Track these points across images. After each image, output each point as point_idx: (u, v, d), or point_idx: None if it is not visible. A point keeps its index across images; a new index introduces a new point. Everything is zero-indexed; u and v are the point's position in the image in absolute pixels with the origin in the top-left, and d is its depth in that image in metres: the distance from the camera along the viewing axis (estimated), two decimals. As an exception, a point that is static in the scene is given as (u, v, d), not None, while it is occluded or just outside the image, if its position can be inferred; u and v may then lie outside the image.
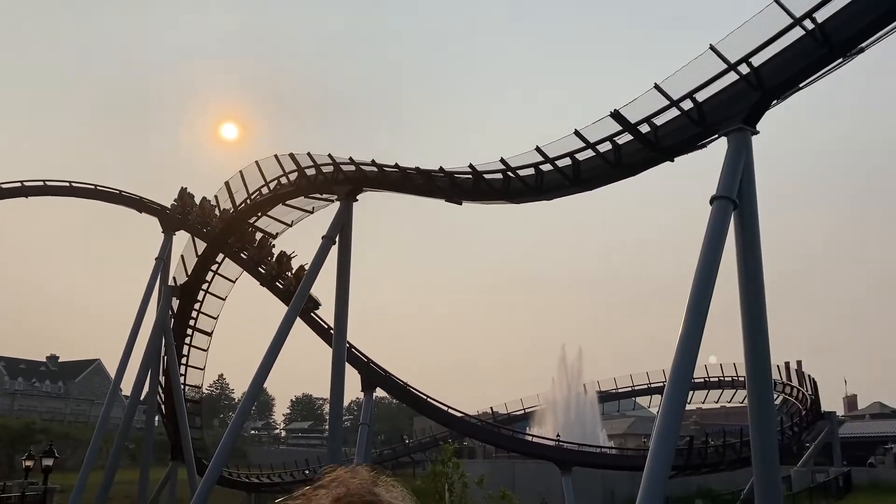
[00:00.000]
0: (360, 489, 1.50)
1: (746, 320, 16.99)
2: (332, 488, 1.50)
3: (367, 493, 1.49)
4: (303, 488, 1.54)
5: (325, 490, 1.50)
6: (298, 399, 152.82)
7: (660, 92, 19.17)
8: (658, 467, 13.63)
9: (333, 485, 1.52)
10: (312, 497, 1.50)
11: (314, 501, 1.49)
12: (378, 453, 65.45)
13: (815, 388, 54.04)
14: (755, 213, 17.53)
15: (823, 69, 17.76)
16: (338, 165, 31.69)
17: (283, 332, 28.92)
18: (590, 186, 24.19)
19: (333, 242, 30.46)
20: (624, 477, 43.02)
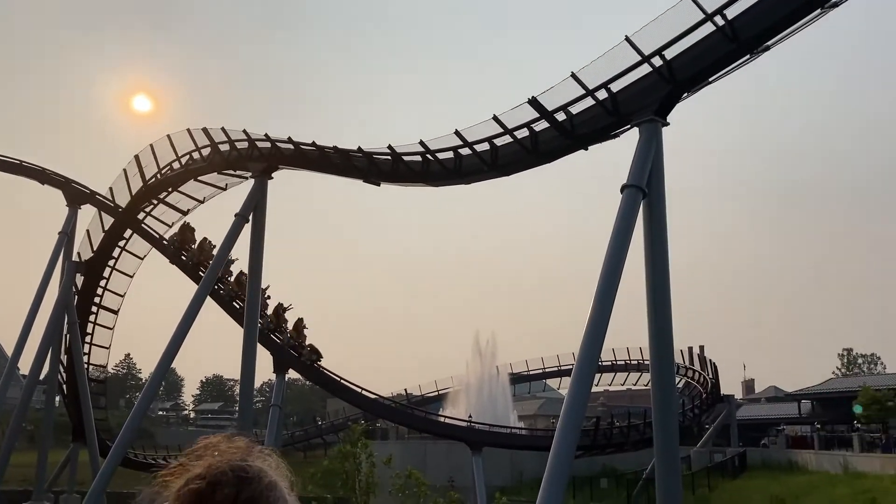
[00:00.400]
0: (232, 457, 1.49)
1: (651, 306, 17.53)
2: (206, 457, 1.49)
3: (239, 461, 1.48)
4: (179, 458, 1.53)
5: (199, 458, 1.49)
6: (209, 380, 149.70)
7: (576, 81, 19.51)
8: (564, 447, 13.98)
9: (207, 452, 1.51)
10: (188, 466, 1.49)
11: (188, 470, 1.47)
12: (290, 435, 64.94)
13: (716, 373, 56.45)
14: (663, 202, 18.07)
15: (732, 64, 18.42)
16: (252, 142, 31.05)
17: (193, 311, 28.21)
18: (507, 171, 24.49)
19: (247, 221, 29.84)
20: (533, 457, 43.95)
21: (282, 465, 1.56)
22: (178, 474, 1.47)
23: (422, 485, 12.18)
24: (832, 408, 64.66)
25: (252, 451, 1.54)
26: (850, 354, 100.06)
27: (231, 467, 1.46)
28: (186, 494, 1.43)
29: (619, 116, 19.48)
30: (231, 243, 30.00)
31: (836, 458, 42.70)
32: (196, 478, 1.45)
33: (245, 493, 1.42)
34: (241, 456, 1.51)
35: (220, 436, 1.59)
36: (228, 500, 1.41)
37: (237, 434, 1.58)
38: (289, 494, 1.51)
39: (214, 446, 1.53)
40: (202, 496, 1.42)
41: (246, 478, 1.45)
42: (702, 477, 42.17)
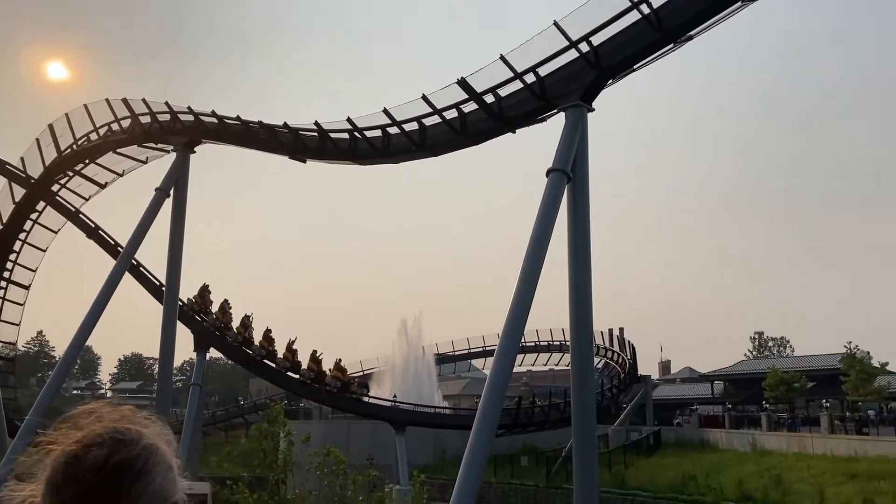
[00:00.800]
0: (113, 422, 1.47)
1: (573, 288, 17.90)
2: (88, 423, 1.47)
3: (118, 425, 1.46)
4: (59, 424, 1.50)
5: (80, 424, 1.47)
6: (127, 358, 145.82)
7: (505, 63, 19.66)
8: (484, 425, 14.19)
9: (89, 418, 1.48)
10: (69, 432, 1.46)
11: (69, 437, 1.44)
12: (210, 414, 63.92)
13: (634, 354, 58.10)
14: (587, 186, 18.43)
15: (656, 52, 18.87)
16: (175, 114, 30.20)
17: (110, 287, 27.28)
18: (436, 152, 24.54)
19: (168, 195, 29.03)
20: (457, 436, 44.40)
21: (166, 432, 1.54)
22: (59, 441, 1.44)
23: (340, 462, 12.18)
24: (743, 388, 67.39)
25: (134, 417, 1.52)
26: (762, 338, 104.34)
27: (108, 430, 1.44)
28: (60, 458, 1.40)
29: (546, 100, 19.73)
30: (151, 218, 29.11)
31: (745, 436, 44.58)
32: (72, 442, 1.42)
33: (119, 455, 1.39)
34: (121, 420, 1.48)
35: (103, 402, 1.56)
36: (99, 461, 1.38)
37: (122, 402, 1.56)
38: (173, 461, 1.49)
39: (96, 412, 1.50)
40: (75, 459, 1.39)
41: (122, 440, 1.42)
42: (618, 454, 43.38)
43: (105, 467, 1.37)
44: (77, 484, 1.36)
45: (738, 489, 31.32)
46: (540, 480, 40.67)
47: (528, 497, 40.09)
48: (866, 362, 47.39)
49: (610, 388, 52.05)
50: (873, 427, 39.89)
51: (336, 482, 12.01)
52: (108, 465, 1.38)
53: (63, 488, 1.37)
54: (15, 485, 1.45)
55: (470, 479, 13.28)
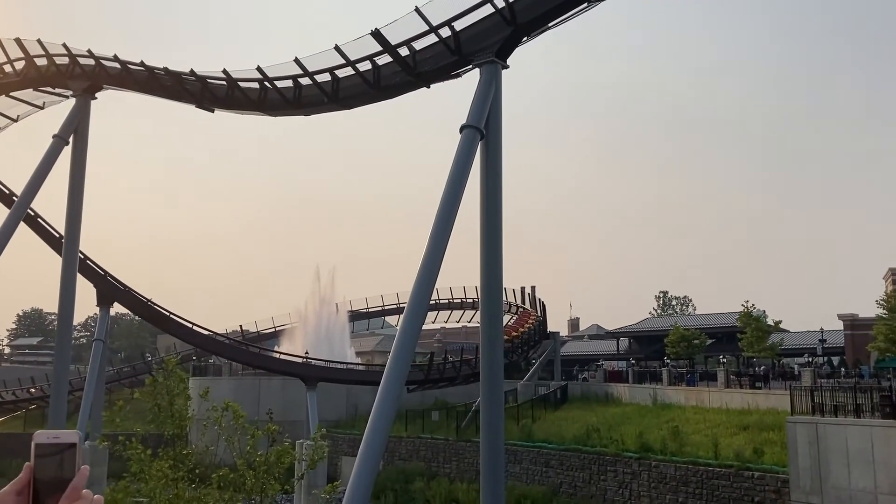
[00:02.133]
0: None
1: (484, 245, 18.01)
2: None
3: None
4: None
5: None
6: (26, 313, 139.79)
7: (420, 16, 19.34)
8: (392, 380, 14.22)
9: None
10: None
11: None
12: (115, 371, 62.20)
13: (544, 311, 59.39)
14: (500, 144, 18.46)
15: (571, 11, 18.89)
16: (73, 57, 28.67)
17: (3, 238, 25.90)
18: (348, 105, 24.12)
19: (66, 142, 27.66)
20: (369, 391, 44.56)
21: None
22: None
23: (239, 417, 12.03)
24: (647, 345, 70.06)
25: None
26: (666, 297, 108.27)
27: None
28: None
29: (461, 56, 19.57)
30: (48, 166, 27.68)
31: (647, 390, 46.34)
32: None
33: None
34: None
35: None
36: None
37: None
38: None
39: None
40: None
41: None
42: (526, 408, 44.48)
43: None
44: None
45: (638, 440, 32.63)
46: (450, 434, 41.39)
47: (438, 450, 40.78)
48: (761, 320, 49.86)
49: (520, 344, 53.13)
50: (765, 382, 42.06)
51: (235, 437, 11.87)
52: None
53: None
54: None
55: (377, 432, 13.34)
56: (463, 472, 37.81)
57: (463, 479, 36.57)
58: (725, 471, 28.14)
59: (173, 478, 11.33)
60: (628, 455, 32.03)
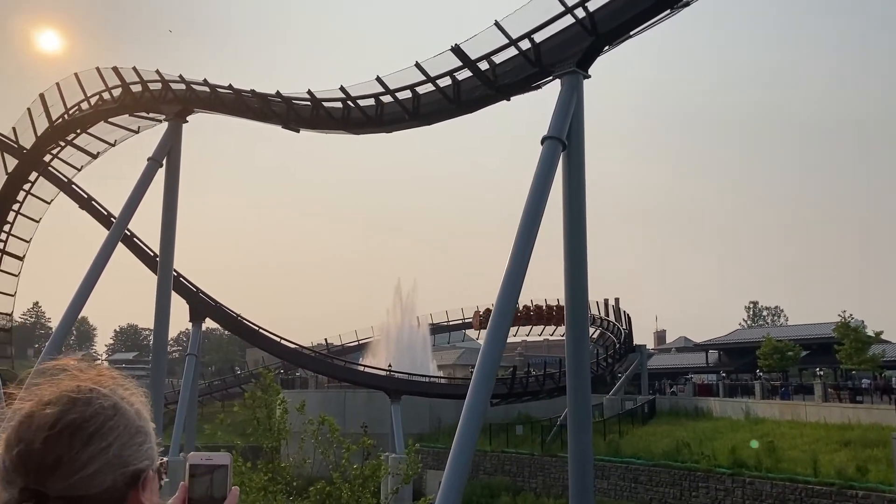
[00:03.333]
0: (81, 380, 1.37)
1: (568, 257, 17.78)
2: (57, 381, 1.37)
3: (84, 385, 1.36)
4: None
5: (52, 381, 1.37)
6: (123, 329, 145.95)
7: (500, 30, 19.34)
8: (478, 394, 14.18)
9: (60, 376, 1.38)
10: (37, 390, 1.36)
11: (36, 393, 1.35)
12: (207, 384, 64.16)
13: (630, 324, 58.25)
14: (582, 154, 18.23)
15: (653, 18, 18.55)
16: (166, 83, 29.86)
17: (103, 257, 27.11)
18: (429, 121, 24.28)
19: (160, 165, 28.80)
20: (451, 405, 44.69)
21: (140, 394, 1.44)
22: (27, 398, 1.35)
23: (335, 430, 12.19)
24: (737, 357, 67.75)
25: (106, 377, 1.41)
26: (756, 307, 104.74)
27: (69, 389, 1.34)
28: (18, 415, 1.31)
29: (541, 67, 19.45)
30: (144, 187, 28.87)
31: (738, 404, 44.82)
32: (35, 399, 1.33)
33: (71, 415, 1.29)
34: (92, 380, 1.38)
35: (74, 358, 1.45)
36: (49, 420, 1.28)
37: (92, 358, 1.47)
38: (142, 427, 1.39)
39: (69, 369, 1.40)
40: (30, 417, 1.30)
41: (78, 399, 1.32)
42: (613, 423, 43.64)
43: (54, 426, 1.28)
44: (26, 442, 1.27)
45: (731, 456, 31.57)
46: (535, 449, 40.97)
47: (523, 465, 40.41)
48: (860, 331, 47.52)
49: (605, 358, 52.27)
50: (867, 395, 40.09)
51: (330, 450, 12.02)
52: (58, 424, 1.28)
53: (12, 446, 1.28)
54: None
55: (464, 448, 13.30)
56: (549, 488, 37.33)
57: (549, 494, 36.12)
58: (826, 489, 26.90)
59: (271, 490, 11.57)
60: (721, 471, 30.99)
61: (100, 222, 38.94)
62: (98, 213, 39.53)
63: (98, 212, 39.54)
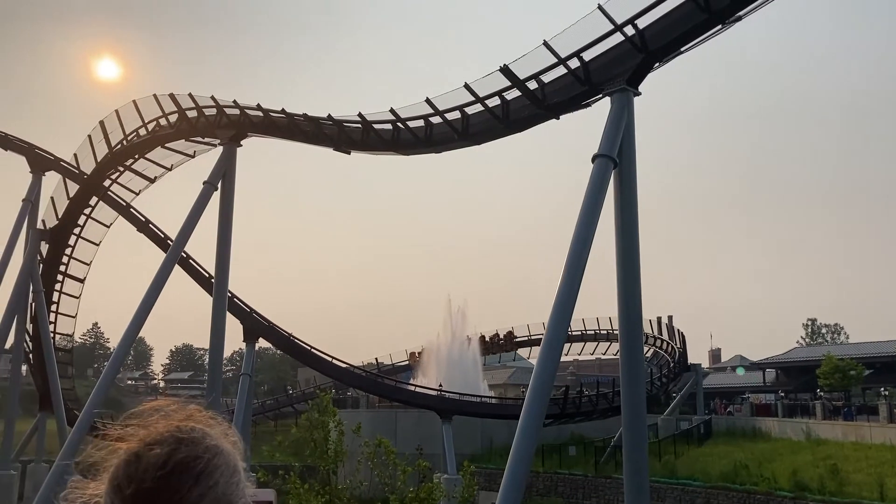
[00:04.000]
0: (178, 420, 1.42)
1: (621, 275, 17.62)
2: (154, 421, 1.42)
3: (185, 425, 1.41)
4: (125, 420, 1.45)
5: (145, 422, 1.42)
6: (178, 349, 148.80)
7: (548, 49, 19.37)
8: (532, 415, 14.09)
9: (154, 416, 1.43)
10: (135, 430, 1.41)
11: (134, 435, 1.40)
12: (260, 404, 64.87)
13: (684, 342, 57.22)
14: (634, 172, 18.10)
15: (704, 34, 18.38)
16: (221, 108, 30.55)
17: (161, 279, 27.81)
18: (478, 140, 24.37)
19: (215, 188, 29.44)
20: (503, 425, 44.37)
21: (232, 433, 1.48)
22: (125, 438, 1.40)
23: (391, 453, 12.21)
24: (796, 377, 66.01)
25: (200, 416, 1.46)
26: (814, 324, 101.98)
27: (171, 428, 1.39)
28: (123, 456, 1.36)
29: (591, 86, 19.41)
30: (199, 211, 29.55)
31: (798, 425, 43.59)
32: (136, 440, 1.37)
33: (180, 454, 1.34)
34: (187, 419, 1.43)
35: (169, 399, 1.51)
36: (159, 460, 1.32)
37: (190, 400, 1.51)
38: (239, 464, 1.43)
39: (163, 409, 1.45)
40: (137, 457, 1.34)
41: (184, 439, 1.37)
42: (668, 444, 42.81)
43: (165, 466, 1.32)
44: (137, 482, 1.31)
45: (792, 478, 30.67)
46: (588, 470, 40.38)
47: (577, 486, 39.86)
48: (927, 349, 45.96)
49: (659, 378, 51.38)
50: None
51: (386, 472, 12.03)
52: (169, 464, 1.32)
53: (123, 487, 1.32)
54: (80, 481, 1.41)
55: (518, 469, 13.21)
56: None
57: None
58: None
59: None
60: (781, 494, 30.11)
61: (157, 245, 39.88)
62: (155, 235, 40.50)
63: (155, 234, 40.50)
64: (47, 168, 41.18)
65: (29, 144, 41.65)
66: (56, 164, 41.11)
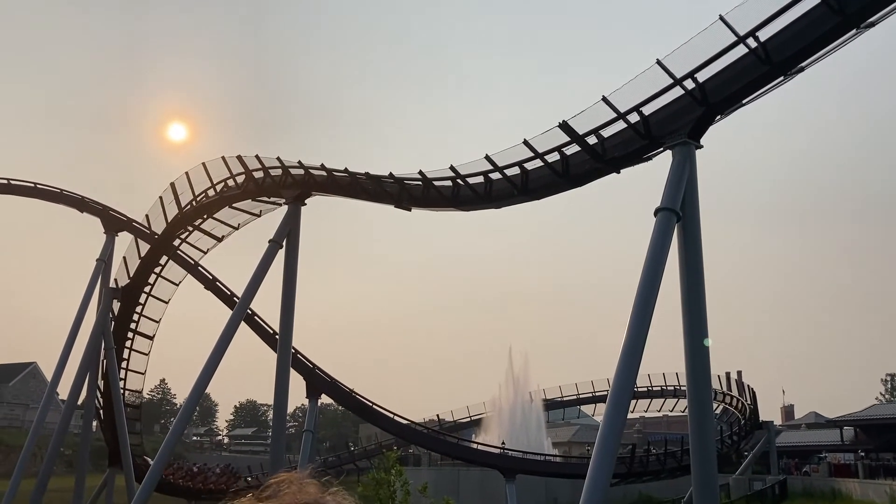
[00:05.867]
0: (308, 495, 1.45)
1: (688, 330, 17.25)
2: (281, 493, 1.45)
3: (315, 499, 1.44)
4: (247, 494, 1.48)
5: (272, 495, 1.45)
6: (242, 405, 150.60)
7: (607, 104, 19.42)
8: (599, 475, 13.75)
9: (281, 489, 1.46)
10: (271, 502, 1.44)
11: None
12: (322, 460, 64.84)
13: (754, 398, 55.34)
14: (698, 225, 17.84)
15: (766, 86, 18.19)
16: (286, 169, 31.38)
17: (227, 336, 28.40)
18: (537, 196, 24.40)
19: (280, 246, 30.10)
20: (567, 484, 43.42)
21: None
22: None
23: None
24: (877, 435, 62.95)
25: (328, 491, 1.49)
26: (894, 380, 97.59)
27: (305, 500, 1.42)
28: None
29: (651, 139, 19.34)
30: (265, 269, 30.20)
31: (881, 487, 41.43)
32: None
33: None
34: (316, 494, 1.46)
35: (295, 473, 1.54)
36: None
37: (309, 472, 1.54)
38: None
39: (289, 483, 1.49)
40: None
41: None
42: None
43: None
44: None
45: (876, 545, 29.11)
46: (657, 532, 39.04)
47: (646, 549, 38.50)
48: None
49: (730, 435, 49.66)
50: None
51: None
52: None
53: None
54: None
55: (585, 531, 12.84)
56: (674, 574, 35.31)
57: (674, 581, 34.13)
58: None
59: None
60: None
61: (224, 302, 40.78)
62: (222, 293, 41.46)
63: (222, 292, 41.47)
64: (120, 229, 42.79)
65: (103, 206, 43.40)
66: (128, 224, 42.69)
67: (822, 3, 16.26)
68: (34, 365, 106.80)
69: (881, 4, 16.01)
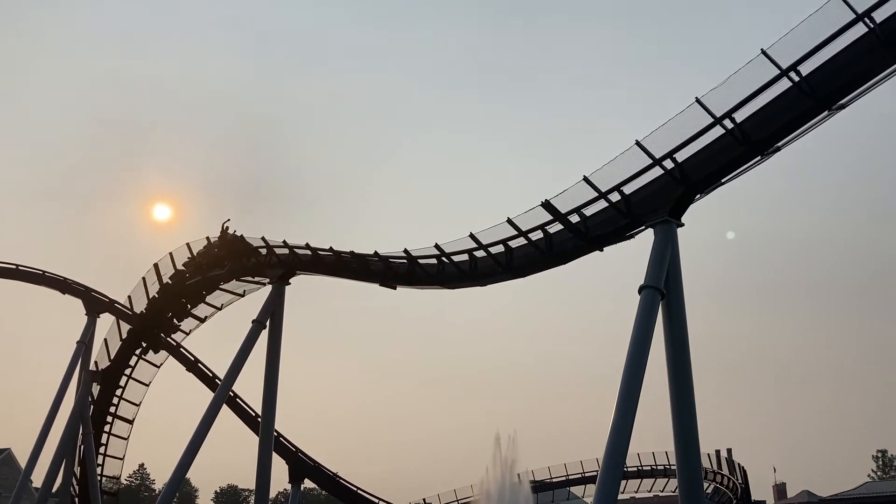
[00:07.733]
0: None
1: (675, 409, 17.13)
2: None
3: None
4: None
5: None
6: (223, 490, 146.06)
7: (588, 184, 19.75)
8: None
9: None
10: None
11: None
12: (305, 548, 62.82)
13: (745, 477, 54.62)
14: (682, 302, 17.94)
15: (743, 166, 18.60)
16: (271, 248, 31.41)
17: (209, 419, 27.85)
18: (522, 273, 24.50)
19: (264, 327, 29.88)
20: (558, 570, 42.17)
21: None
22: None
23: None
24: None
25: None
26: (885, 456, 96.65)
27: None
28: None
29: (633, 217, 19.60)
30: (248, 350, 29.87)
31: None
32: None
33: None
34: None
35: None
36: None
37: None
38: None
39: None
40: None
41: None
42: (737, 590, 40.13)
43: None
44: None
45: None
46: None
47: None
48: None
49: None
50: None
51: None
52: None
53: None
54: None
55: None
56: None
57: None
58: None
59: None
60: None
61: (205, 384, 40.12)
62: (204, 375, 40.83)
63: (204, 374, 40.84)
64: (102, 310, 42.36)
65: (86, 288, 43.05)
66: (110, 306, 42.28)
67: (793, 86, 16.81)
68: (8, 451, 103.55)
69: (850, 88, 16.57)
